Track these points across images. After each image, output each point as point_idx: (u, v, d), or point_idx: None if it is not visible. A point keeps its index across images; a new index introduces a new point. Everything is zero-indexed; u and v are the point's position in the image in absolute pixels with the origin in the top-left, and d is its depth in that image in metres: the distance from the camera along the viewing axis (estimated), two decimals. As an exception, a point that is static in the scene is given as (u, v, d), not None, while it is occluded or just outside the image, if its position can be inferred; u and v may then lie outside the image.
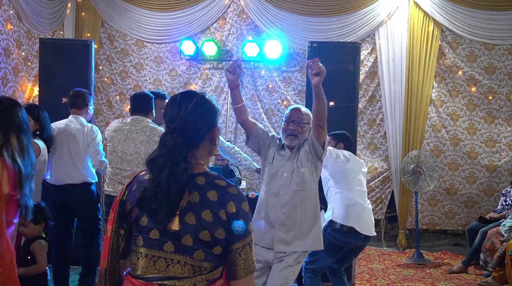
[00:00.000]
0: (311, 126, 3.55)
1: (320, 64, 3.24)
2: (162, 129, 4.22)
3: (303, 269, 4.27)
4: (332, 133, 4.52)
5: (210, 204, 1.86)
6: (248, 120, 3.65)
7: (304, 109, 3.72)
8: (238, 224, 1.88)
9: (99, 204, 4.88)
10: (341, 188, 4.38)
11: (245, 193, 3.15)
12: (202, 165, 1.96)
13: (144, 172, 2.01)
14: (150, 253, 1.88)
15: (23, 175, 2.60)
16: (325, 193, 4.58)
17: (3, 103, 2.65)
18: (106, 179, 4.52)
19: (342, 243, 4.29)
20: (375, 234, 4.49)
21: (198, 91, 2.02)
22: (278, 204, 3.53)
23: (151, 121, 4.43)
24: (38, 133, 4.38)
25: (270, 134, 3.73)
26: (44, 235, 4.08)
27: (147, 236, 1.89)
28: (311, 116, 3.60)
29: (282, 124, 3.67)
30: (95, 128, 4.83)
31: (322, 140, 3.48)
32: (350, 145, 4.69)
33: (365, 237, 4.33)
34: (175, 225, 1.83)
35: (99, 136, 4.81)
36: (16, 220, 2.66)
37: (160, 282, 1.85)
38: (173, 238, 1.85)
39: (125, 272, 2.00)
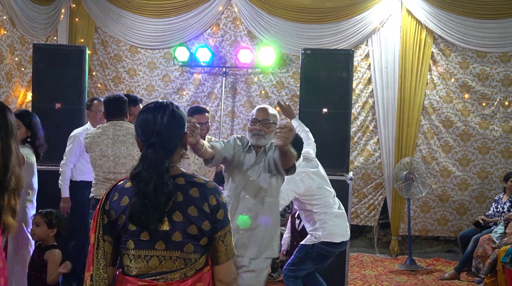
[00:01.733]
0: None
1: (285, 135, 3.01)
2: None
3: (284, 275, 4.35)
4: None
5: (194, 201, 2.02)
6: (208, 151, 3.34)
7: (271, 109, 3.68)
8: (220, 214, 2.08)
9: None
10: (321, 209, 4.28)
11: None
12: (178, 167, 2.10)
13: (122, 181, 2.12)
14: (142, 254, 2.01)
15: (7, 184, 2.46)
16: (300, 212, 4.56)
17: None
18: (95, 183, 4.38)
19: (331, 253, 4.33)
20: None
21: (166, 102, 2.11)
22: (243, 208, 3.49)
23: (130, 124, 4.35)
24: (29, 140, 4.26)
25: (230, 142, 3.63)
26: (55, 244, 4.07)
27: (137, 239, 2.00)
28: (278, 117, 3.64)
29: (249, 124, 3.63)
30: None
31: (288, 167, 3.42)
32: (301, 150, 4.31)
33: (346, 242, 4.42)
34: (165, 226, 1.96)
35: None
36: None
37: (153, 277, 2.00)
38: (163, 237, 1.99)
39: (117, 272, 2.12)
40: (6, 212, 2.44)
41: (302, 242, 4.41)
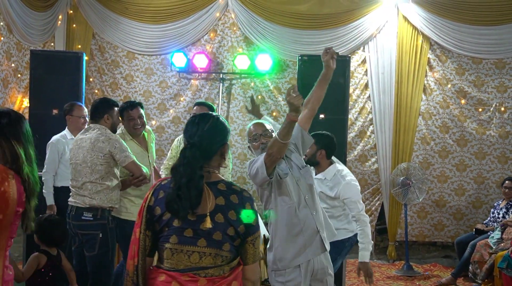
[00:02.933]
0: (303, 116, 3.40)
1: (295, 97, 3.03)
2: (112, 136, 4.14)
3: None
4: (316, 134, 4.20)
5: (233, 206, 2.27)
6: None
7: (265, 122, 3.63)
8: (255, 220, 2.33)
9: None
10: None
11: None
12: (217, 174, 2.37)
13: (168, 180, 2.34)
14: (185, 249, 2.22)
15: (32, 188, 2.57)
16: (328, 210, 4.37)
17: (11, 116, 2.61)
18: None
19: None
20: None
21: (214, 114, 2.45)
22: (309, 211, 3.36)
23: (103, 127, 4.18)
24: None
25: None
26: (51, 252, 4.06)
27: (181, 235, 2.22)
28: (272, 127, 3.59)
29: (251, 143, 3.47)
30: None
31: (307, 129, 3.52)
32: (332, 153, 4.40)
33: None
34: (208, 224, 2.20)
35: None
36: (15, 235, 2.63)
37: (194, 272, 2.21)
38: (205, 235, 2.21)
39: (151, 267, 2.34)
40: (28, 215, 2.57)
41: (336, 239, 4.08)
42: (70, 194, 4.21)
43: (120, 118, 4.52)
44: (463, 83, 7.41)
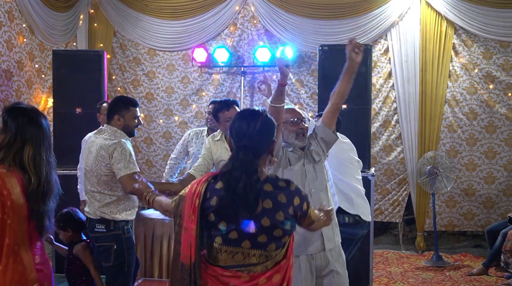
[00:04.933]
0: (326, 111, 3.38)
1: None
2: (117, 141, 3.73)
3: None
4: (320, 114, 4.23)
5: (281, 206, 2.24)
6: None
7: (296, 108, 3.67)
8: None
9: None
10: (342, 175, 4.25)
11: None
12: (263, 171, 2.33)
13: (213, 180, 2.32)
14: (229, 250, 2.25)
15: (48, 189, 2.54)
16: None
17: (28, 113, 2.57)
18: None
19: (351, 235, 4.21)
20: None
21: (261, 111, 2.35)
22: (312, 203, 3.39)
23: (114, 129, 3.86)
24: None
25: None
26: (84, 237, 4.16)
27: (226, 237, 2.25)
28: None
29: (288, 125, 3.41)
30: None
31: (333, 127, 3.38)
32: (339, 129, 4.23)
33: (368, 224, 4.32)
34: (252, 229, 2.19)
35: None
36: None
37: (238, 269, 2.25)
38: (250, 237, 2.22)
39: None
40: (44, 216, 2.53)
41: None
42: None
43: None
44: (490, 67, 7.24)
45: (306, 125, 3.48)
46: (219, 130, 4.34)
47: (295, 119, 3.43)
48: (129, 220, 3.92)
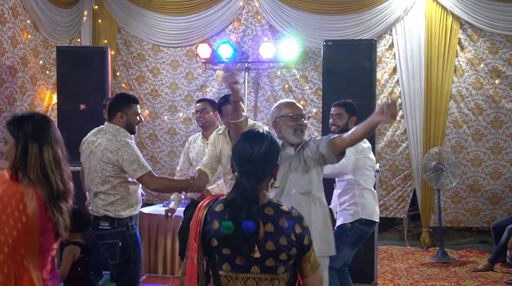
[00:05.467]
0: (342, 140, 3.25)
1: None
2: (123, 142, 3.69)
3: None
4: (342, 103, 4.38)
5: (283, 231, 2.14)
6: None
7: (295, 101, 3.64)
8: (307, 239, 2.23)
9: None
10: (365, 182, 4.24)
11: None
12: (266, 194, 2.23)
13: (213, 203, 2.25)
14: (240, 276, 2.15)
15: (61, 192, 2.51)
16: (339, 183, 4.40)
17: (35, 118, 2.53)
18: None
19: (367, 234, 4.24)
20: None
21: (265, 133, 2.26)
22: (292, 204, 3.41)
23: (117, 127, 3.79)
24: None
25: None
26: (79, 241, 4.14)
27: (233, 263, 2.15)
28: None
29: (287, 120, 3.39)
30: None
31: (338, 152, 3.28)
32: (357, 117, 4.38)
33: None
34: (256, 254, 2.10)
35: None
36: (55, 246, 2.61)
37: None
38: (257, 262, 2.13)
39: None
40: (64, 216, 2.50)
41: (339, 223, 4.22)
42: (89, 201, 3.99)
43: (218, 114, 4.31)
44: (496, 62, 7.18)
45: (305, 122, 3.44)
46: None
47: (295, 114, 3.39)
48: (133, 216, 3.91)
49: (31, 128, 2.46)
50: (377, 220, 4.31)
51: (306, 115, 3.50)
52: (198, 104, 4.91)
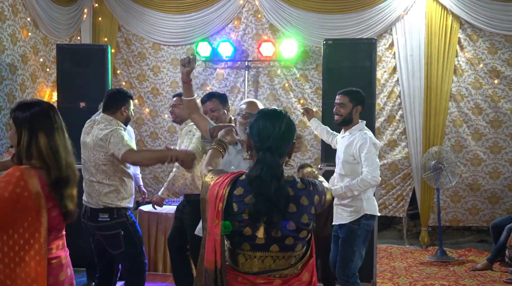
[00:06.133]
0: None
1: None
2: (113, 128, 3.77)
3: (344, 277, 4.05)
4: (346, 91, 4.27)
5: (305, 209, 2.18)
6: (201, 115, 3.62)
7: (259, 103, 3.69)
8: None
9: None
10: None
11: None
12: (284, 172, 2.23)
13: (233, 184, 2.21)
14: (258, 255, 2.18)
15: (68, 177, 2.56)
16: (339, 183, 4.24)
17: (41, 106, 2.59)
18: None
19: (371, 228, 4.21)
20: None
21: (282, 111, 2.28)
22: None
23: (112, 119, 3.87)
24: None
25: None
26: None
27: (253, 242, 2.17)
28: None
29: (239, 118, 3.55)
30: None
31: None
32: (364, 106, 4.34)
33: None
34: (278, 233, 2.14)
35: None
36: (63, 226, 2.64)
37: (269, 274, 2.18)
38: (277, 241, 2.16)
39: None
40: (67, 201, 2.54)
41: (342, 222, 4.12)
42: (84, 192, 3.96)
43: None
44: (496, 62, 7.17)
45: None
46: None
47: (247, 113, 3.50)
48: (129, 208, 3.96)
49: (30, 115, 2.52)
50: (378, 214, 4.28)
51: None
52: (175, 98, 4.79)
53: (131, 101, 4.02)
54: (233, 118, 4.05)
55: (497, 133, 7.21)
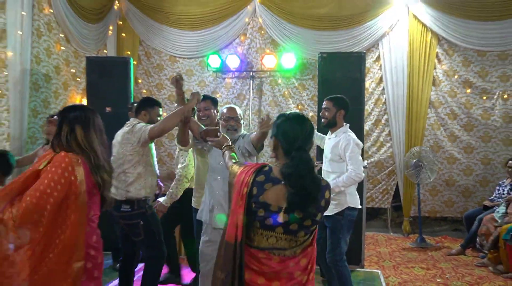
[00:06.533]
0: (253, 136, 3.53)
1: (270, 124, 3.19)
2: (136, 123, 3.90)
3: (334, 263, 4.04)
4: (331, 98, 4.25)
5: (316, 200, 2.21)
6: (194, 120, 3.74)
7: (237, 108, 3.84)
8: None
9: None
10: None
11: None
12: None
13: (256, 172, 2.27)
14: (264, 233, 2.23)
15: (98, 165, 2.63)
16: (330, 174, 4.19)
17: (85, 109, 2.73)
18: None
19: (354, 218, 4.15)
20: None
21: (306, 116, 2.34)
22: (217, 188, 3.58)
23: (137, 120, 4.00)
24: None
25: None
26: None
27: (263, 222, 2.22)
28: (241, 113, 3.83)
29: (221, 121, 3.73)
30: None
31: (258, 145, 3.54)
32: (348, 112, 4.26)
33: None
34: (282, 219, 2.19)
35: None
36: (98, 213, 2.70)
37: (270, 251, 2.23)
38: (282, 225, 2.20)
39: None
40: (106, 188, 2.65)
41: (328, 213, 4.05)
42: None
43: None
44: (468, 74, 7.17)
45: (238, 123, 3.73)
46: None
47: (227, 117, 3.70)
48: (149, 199, 3.97)
49: (73, 114, 2.66)
50: (360, 207, 4.23)
51: (240, 118, 3.76)
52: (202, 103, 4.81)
53: (155, 107, 4.08)
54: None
55: (470, 135, 7.21)
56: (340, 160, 4.08)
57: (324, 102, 4.32)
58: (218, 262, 2.29)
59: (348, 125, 4.28)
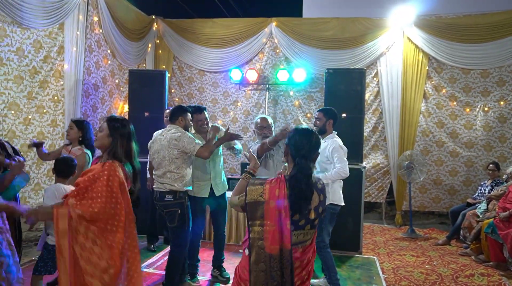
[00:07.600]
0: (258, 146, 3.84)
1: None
2: (182, 132, 3.86)
3: (316, 246, 3.98)
4: (322, 109, 4.19)
5: (323, 202, 2.25)
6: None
7: (269, 118, 4.07)
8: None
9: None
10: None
11: None
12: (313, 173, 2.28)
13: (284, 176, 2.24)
14: (295, 232, 2.19)
15: (137, 173, 2.64)
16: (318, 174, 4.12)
17: (123, 121, 2.66)
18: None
19: (337, 211, 4.05)
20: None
21: (312, 129, 2.33)
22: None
23: (177, 126, 3.94)
24: (80, 139, 4.02)
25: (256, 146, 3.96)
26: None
27: (297, 224, 2.18)
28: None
29: (256, 129, 3.99)
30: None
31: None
32: (336, 122, 4.18)
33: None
34: (312, 214, 2.20)
35: None
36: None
37: (296, 245, 2.18)
38: (310, 222, 2.21)
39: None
40: (137, 190, 2.65)
41: None
42: (154, 181, 3.96)
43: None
44: (454, 89, 7.04)
45: (270, 130, 4.02)
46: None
47: (261, 126, 3.95)
48: (188, 192, 3.99)
49: (121, 127, 2.61)
50: (343, 204, 4.09)
51: (271, 124, 4.05)
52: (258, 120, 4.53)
53: (188, 113, 4.03)
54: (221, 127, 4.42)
55: (455, 142, 7.07)
56: (328, 161, 4.01)
57: (316, 113, 4.26)
58: (257, 281, 2.13)
59: (336, 132, 4.20)
